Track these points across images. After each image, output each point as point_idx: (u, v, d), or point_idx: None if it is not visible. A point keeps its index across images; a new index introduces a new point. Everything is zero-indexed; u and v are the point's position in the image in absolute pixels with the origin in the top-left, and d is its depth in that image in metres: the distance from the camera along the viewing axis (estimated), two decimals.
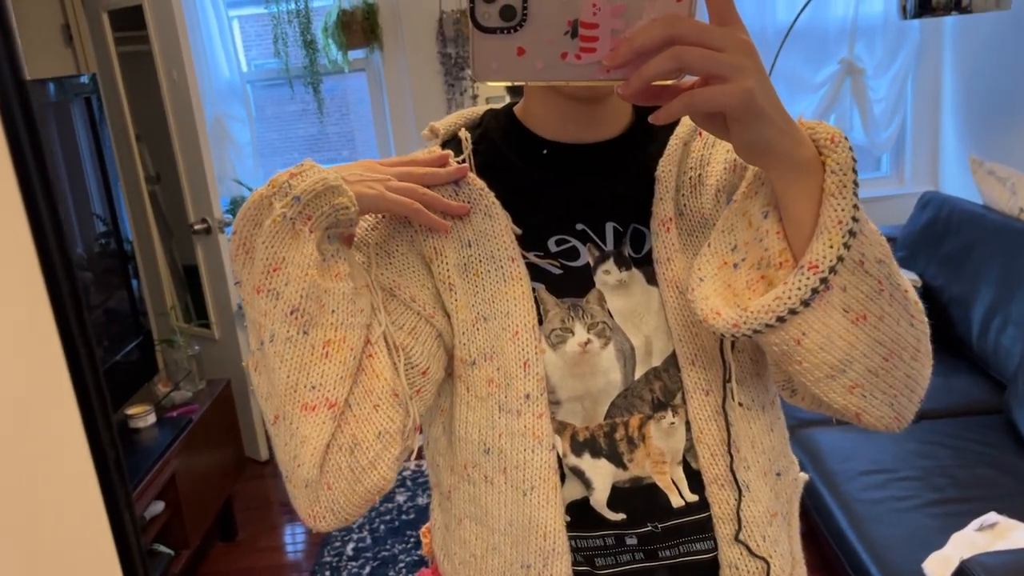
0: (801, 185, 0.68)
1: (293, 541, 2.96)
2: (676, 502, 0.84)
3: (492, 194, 0.83)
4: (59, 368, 0.35)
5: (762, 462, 0.85)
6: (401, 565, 2.66)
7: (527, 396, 0.81)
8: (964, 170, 3.21)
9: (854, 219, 0.67)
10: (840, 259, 0.67)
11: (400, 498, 3.05)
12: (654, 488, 0.84)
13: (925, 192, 3.23)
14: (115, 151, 2.84)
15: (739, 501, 0.84)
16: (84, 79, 2.48)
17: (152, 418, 2.57)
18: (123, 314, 2.57)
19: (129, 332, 2.57)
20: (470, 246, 0.83)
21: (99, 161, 2.49)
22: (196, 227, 3.14)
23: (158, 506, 2.44)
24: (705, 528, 0.84)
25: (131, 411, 2.54)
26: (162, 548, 2.44)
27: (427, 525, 0.99)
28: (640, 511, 0.84)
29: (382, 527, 2.89)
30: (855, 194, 0.68)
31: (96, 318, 2.44)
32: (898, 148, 3.64)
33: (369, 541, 2.81)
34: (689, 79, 0.65)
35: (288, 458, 0.75)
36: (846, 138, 0.69)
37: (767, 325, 0.69)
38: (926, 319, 0.77)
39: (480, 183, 0.83)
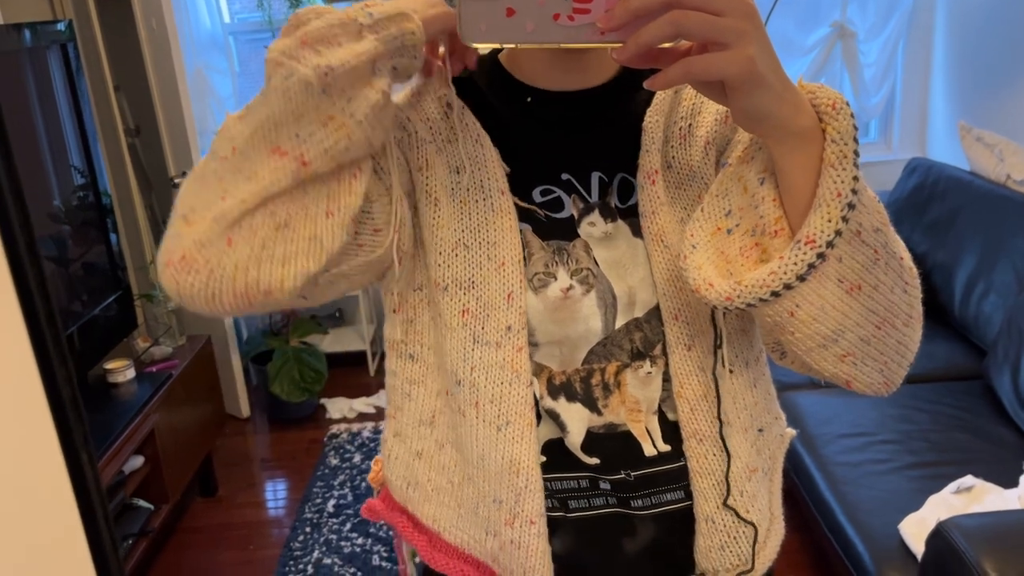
0: (800, 154, 0.66)
1: (274, 497, 2.96)
2: (648, 451, 0.84)
3: (479, 124, 0.81)
4: (10, 302, 0.33)
5: (743, 418, 0.85)
6: (382, 522, 2.67)
7: (508, 328, 0.81)
8: (952, 136, 3.20)
9: (853, 191, 0.65)
10: (838, 233, 0.65)
11: None
12: (628, 436, 0.84)
13: (913, 158, 3.22)
14: (93, 101, 2.78)
15: (728, 466, 0.84)
16: (60, 26, 2.41)
17: (131, 373, 2.54)
18: (102, 268, 2.53)
19: (108, 286, 2.53)
20: (458, 172, 0.81)
21: (76, 111, 2.43)
22: (176, 181, 3.09)
23: (137, 460, 2.42)
24: (678, 479, 0.84)
25: (110, 365, 2.51)
26: (141, 503, 2.43)
27: (379, 456, 0.98)
28: (614, 457, 0.84)
29: (363, 484, 2.89)
30: (855, 164, 0.65)
31: (74, 272, 2.40)
32: (887, 113, 3.62)
33: (350, 498, 2.82)
34: (687, 41, 0.63)
35: (213, 193, 0.69)
36: (847, 104, 0.66)
37: (761, 299, 0.68)
38: (919, 283, 0.75)
39: (469, 112, 0.81)
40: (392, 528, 0.96)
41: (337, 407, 3.46)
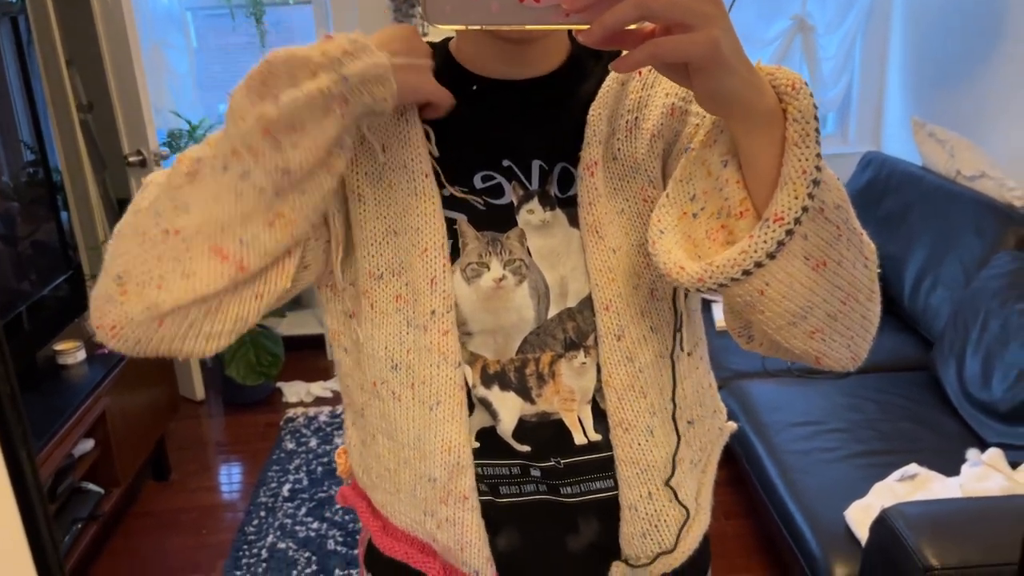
0: (763, 135, 0.67)
1: (228, 481, 2.94)
2: (579, 440, 0.86)
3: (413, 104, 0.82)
4: None
5: (670, 409, 0.87)
6: (337, 507, 2.67)
7: (433, 312, 0.82)
8: (906, 131, 3.26)
9: (817, 168, 0.66)
10: (805, 209, 0.66)
11: (339, 440, 3.05)
12: (560, 424, 0.86)
13: (868, 152, 3.27)
14: (44, 76, 2.71)
15: (676, 448, 0.86)
16: None
17: (82, 355, 2.49)
18: (51, 247, 2.48)
19: (58, 266, 2.48)
20: (384, 152, 0.82)
21: (26, 85, 2.37)
22: (131, 159, 3.03)
23: (88, 444, 2.38)
24: (606, 468, 0.86)
25: (60, 347, 2.46)
26: (91, 486, 2.39)
27: (343, 447, 1.00)
28: (545, 445, 0.86)
29: (319, 468, 2.88)
30: (817, 142, 0.66)
31: (23, 250, 2.34)
32: (844, 107, 3.68)
33: (306, 482, 2.81)
34: (651, 23, 0.63)
35: (149, 271, 0.71)
36: (806, 84, 0.67)
37: (733, 279, 0.68)
38: (877, 259, 0.77)
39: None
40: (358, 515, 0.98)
41: (294, 391, 3.43)
